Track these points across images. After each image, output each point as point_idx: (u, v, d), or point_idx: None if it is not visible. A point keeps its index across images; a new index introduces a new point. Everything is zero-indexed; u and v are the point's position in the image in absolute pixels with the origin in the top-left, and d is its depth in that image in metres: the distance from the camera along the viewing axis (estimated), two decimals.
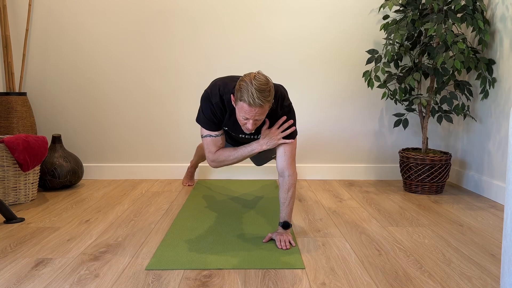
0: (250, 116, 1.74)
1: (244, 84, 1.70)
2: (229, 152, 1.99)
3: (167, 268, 1.64)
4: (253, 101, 1.68)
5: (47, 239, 1.95)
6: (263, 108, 1.72)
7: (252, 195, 2.75)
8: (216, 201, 2.61)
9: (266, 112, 1.76)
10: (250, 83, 1.68)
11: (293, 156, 1.95)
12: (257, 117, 1.75)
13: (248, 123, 1.76)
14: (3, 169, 2.46)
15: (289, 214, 1.94)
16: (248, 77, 1.71)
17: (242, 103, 1.72)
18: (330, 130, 3.23)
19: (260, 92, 1.67)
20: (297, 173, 1.96)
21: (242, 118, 1.77)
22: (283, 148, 1.93)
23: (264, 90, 1.69)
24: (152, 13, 3.10)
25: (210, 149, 1.99)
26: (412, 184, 2.84)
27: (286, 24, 3.13)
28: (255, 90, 1.67)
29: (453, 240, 1.98)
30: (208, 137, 1.97)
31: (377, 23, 3.15)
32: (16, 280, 1.54)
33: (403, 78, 2.86)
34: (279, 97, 1.90)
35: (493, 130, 2.71)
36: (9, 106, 2.90)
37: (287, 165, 1.92)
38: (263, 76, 1.72)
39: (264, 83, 1.70)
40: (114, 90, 3.16)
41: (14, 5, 3.07)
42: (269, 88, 1.71)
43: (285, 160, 1.92)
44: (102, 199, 2.64)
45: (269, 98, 1.72)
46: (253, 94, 1.67)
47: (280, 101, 1.90)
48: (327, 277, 1.58)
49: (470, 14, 2.61)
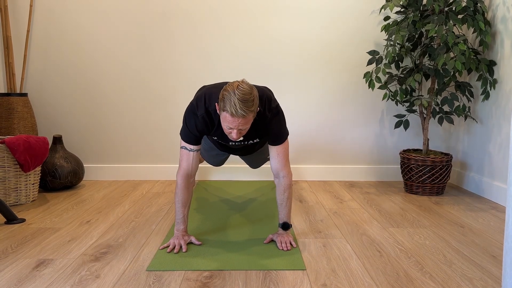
0: (234, 126, 1.70)
1: (227, 94, 1.66)
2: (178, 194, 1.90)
3: (168, 269, 1.64)
4: (235, 112, 1.64)
5: (48, 240, 1.95)
6: (246, 118, 1.68)
7: (252, 196, 2.75)
8: (217, 202, 2.61)
9: (249, 121, 1.72)
10: (233, 93, 1.64)
11: (286, 157, 1.93)
12: (241, 127, 1.71)
13: (233, 133, 1.73)
14: (4, 170, 2.46)
15: (288, 215, 1.94)
16: (231, 87, 1.67)
17: (225, 113, 1.68)
18: (331, 131, 3.23)
19: (243, 102, 1.63)
20: (292, 173, 1.95)
21: (226, 128, 1.73)
22: (276, 149, 1.91)
23: (247, 100, 1.65)
24: (152, 14, 3.10)
25: (182, 163, 1.90)
26: (413, 185, 2.83)
27: (287, 25, 3.13)
28: (237, 101, 1.63)
29: (454, 241, 1.97)
30: (183, 149, 1.91)
31: (378, 24, 3.15)
32: (17, 281, 1.54)
33: (404, 79, 2.86)
34: (266, 100, 1.86)
35: (494, 131, 2.71)
36: (10, 107, 2.91)
37: (281, 166, 1.91)
38: (247, 86, 1.68)
39: (248, 93, 1.66)
40: (115, 91, 3.17)
41: (15, 6, 3.08)
42: (252, 97, 1.67)
43: (278, 162, 1.91)
44: (103, 200, 2.64)
45: (252, 108, 1.68)
46: (236, 105, 1.63)
47: (267, 104, 1.86)
48: (328, 278, 1.58)
49: (471, 15, 2.61)
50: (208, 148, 2.34)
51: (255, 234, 2.04)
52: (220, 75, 3.14)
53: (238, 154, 2.24)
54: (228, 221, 2.24)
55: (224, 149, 2.19)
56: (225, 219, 2.28)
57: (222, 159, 2.51)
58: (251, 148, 2.16)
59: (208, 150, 2.37)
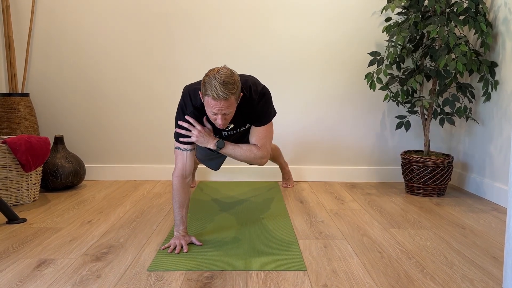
0: (217, 111, 1.71)
1: (207, 79, 1.68)
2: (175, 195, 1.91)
3: (169, 269, 1.64)
4: (216, 95, 1.66)
5: (49, 240, 1.96)
6: (229, 101, 1.70)
7: (253, 196, 2.75)
8: (217, 202, 2.61)
9: (232, 104, 1.73)
10: (213, 77, 1.67)
11: (267, 138, 1.94)
12: (225, 111, 1.72)
13: (218, 118, 1.74)
14: (5, 170, 2.47)
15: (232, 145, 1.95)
16: (212, 72, 1.70)
17: (207, 98, 1.70)
18: (332, 131, 3.23)
19: (224, 85, 1.66)
20: (269, 154, 1.96)
21: (211, 114, 1.75)
22: (256, 130, 1.94)
23: (228, 82, 1.67)
24: (153, 14, 3.11)
25: (177, 163, 1.91)
26: (414, 187, 2.83)
27: (289, 26, 3.13)
28: (218, 84, 1.65)
29: (455, 242, 1.97)
30: (176, 150, 1.92)
31: (380, 25, 3.15)
32: (19, 281, 1.55)
33: (405, 80, 2.86)
34: (251, 85, 1.88)
35: (495, 132, 2.70)
36: (11, 106, 2.91)
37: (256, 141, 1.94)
38: (228, 69, 1.71)
39: (228, 76, 1.68)
40: (117, 92, 3.17)
41: (17, 7, 3.09)
42: (233, 80, 1.69)
43: (257, 138, 1.94)
44: (104, 200, 2.65)
45: (234, 90, 1.69)
46: (217, 88, 1.65)
47: (253, 88, 1.88)
48: (328, 279, 1.58)
49: (472, 16, 2.61)
50: (204, 154, 2.35)
51: (256, 235, 2.04)
52: None
53: None
54: (228, 222, 2.24)
55: None
56: (225, 219, 2.28)
57: (219, 162, 2.51)
58: (243, 135, 2.16)
59: (204, 156, 2.37)
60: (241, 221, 2.25)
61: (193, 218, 2.29)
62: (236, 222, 2.23)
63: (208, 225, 2.19)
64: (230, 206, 2.53)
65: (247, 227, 2.16)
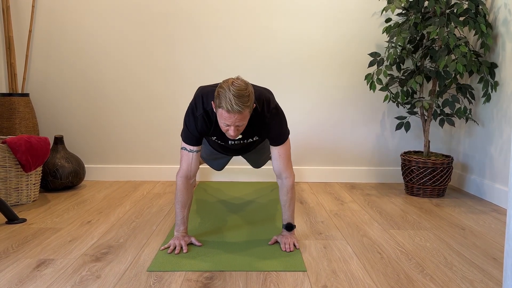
0: (231, 123, 1.70)
1: (222, 91, 1.66)
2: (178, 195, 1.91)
3: (169, 270, 1.64)
4: (231, 107, 1.64)
5: (49, 240, 1.95)
6: (242, 114, 1.68)
7: (253, 197, 2.75)
8: (217, 203, 2.61)
9: (246, 117, 1.72)
10: (228, 89, 1.64)
11: (288, 157, 1.93)
12: (238, 123, 1.71)
13: (230, 130, 1.73)
14: (5, 170, 2.47)
15: (291, 216, 1.94)
16: (226, 83, 1.67)
17: (221, 110, 1.68)
18: (332, 132, 3.23)
19: (238, 97, 1.64)
20: (294, 174, 1.95)
21: (223, 125, 1.73)
22: (277, 150, 1.91)
23: (243, 95, 1.65)
24: (153, 15, 3.11)
25: (182, 164, 1.91)
26: (414, 187, 2.83)
27: (288, 27, 3.13)
28: (233, 96, 1.63)
29: (455, 243, 1.97)
30: (183, 150, 1.91)
31: (380, 26, 3.15)
32: (18, 281, 1.55)
33: (405, 81, 2.86)
34: (264, 101, 1.86)
35: (495, 133, 2.70)
36: (11, 107, 2.91)
37: (283, 167, 1.91)
38: (242, 81, 1.68)
39: (243, 88, 1.66)
40: (116, 92, 3.17)
41: (17, 6, 3.09)
42: (247, 93, 1.67)
43: (281, 163, 1.91)
44: (104, 200, 2.65)
45: (248, 103, 1.67)
46: (231, 100, 1.63)
47: (266, 104, 1.86)
48: (328, 280, 1.58)
49: (472, 17, 2.61)
50: (209, 153, 2.35)
51: (256, 235, 2.04)
52: (220, 76, 3.14)
53: (238, 154, 2.24)
54: (228, 222, 2.24)
55: (223, 150, 2.18)
56: (225, 220, 2.28)
57: (223, 162, 2.51)
58: (250, 146, 2.16)
59: (209, 155, 2.37)
60: (241, 222, 2.25)
61: (193, 219, 2.29)
62: (236, 223, 2.23)
63: (208, 225, 2.19)
64: (230, 207, 2.53)
65: (247, 227, 2.16)
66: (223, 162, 2.50)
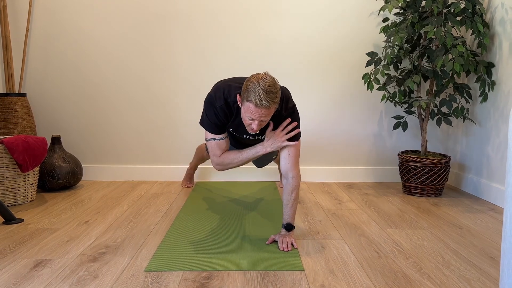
0: (256, 117, 1.73)
1: (251, 85, 1.69)
2: (234, 155, 1.99)
3: (166, 270, 1.64)
4: (260, 102, 1.67)
5: (46, 240, 1.95)
6: (270, 109, 1.72)
7: (251, 197, 2.75)
8: (215, 203, 2.61)
9: (271, 113, 1.76)
10: (257, 84, 1.68)
11: (297, 158, 1.95)
12: (263, 118, 1.75)
13: (253, 124, 1.76)
14: (2, 170, 2.46)
15: (292, 216, 1.94)
16: (256, 78, 1.70)
17: (248, 103, 1.71)
18: (330, 132, 3.23)
19: (267, 93, 1.67)
20: (300, 175, 1.97)
21: (247, 119, 1.77)
22: (287, 150, 1.93)
23: (271, 91, 1.68)
24: (152, 15, 3.11)
25: (215, 152, 1.98)
26: (411, 187, 2.84)
27: (286, 27, 3.14)
28: (262, 91, 1.66)
29: (452, 242, 1.98)
30: (212, 141, 1.97)
31: (377, 25, 3.16)
32: (15, 281, 1.54)
33: (402, 81, 2.87)
34: (283, 99, 1.90)
35: (492, 133, 2.71)
36: (8, 107, 2.90)
37: (291, 167, 1.92)
38: (271, 78, 1.72)
39: (272, 85, 1.69)
40: (114, 92, 3.17)
41: (14, 6, 3.08)
42: (276, 89, 1.71)
43: (289, 162, 1.92)
44: (101, 200, 2.64)
45: (275, 99, 1.71)
46: (260, 95, 1.66)
47: (285, 103, 1.90)
48: (326, 279, 1.58)
49: (469, 17, 2.62)
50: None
51: (254, 235, 2.04)
52: (219, 77, 3.14)
53: None
54: (227, 222, 2.24)
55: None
56: (224, 219, 2.28)
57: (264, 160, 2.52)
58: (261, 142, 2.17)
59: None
60: (239, 221, 2.25)
61: (192, 218, 2.28)
62: (235, 222, 2.23)
63: (206, 224, 2.19)
64: (228, 206, 2.53)
65: (245, 227, 2.16)
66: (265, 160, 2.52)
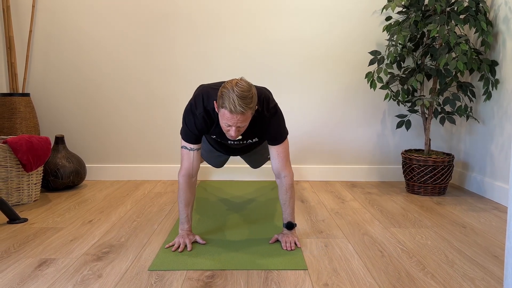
0: (232, 123, 1.70)
1: (225, 91, 1.67)
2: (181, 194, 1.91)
3: (170, 269, 1.65)
4: (234, 108, 1.65)
5: (50, 240, 1.96)
6: (245, 115, 1.69)
7: (254, 196, 2.75)
8: (218, 202, 2.61)
9: (248, 118, 1.73)
10: (231, 90, 1.65)
11: (287, 156, 1.94)
12: (239, 124, 1.71)
13: (231, 130, 1.73)
14: (6, 170, 2.47)
15: (292, 214, 1.94)
16: (230, 84, 1.68)
17: (224, 110, 1.68)
18: (333, 131, 3.23)
19: (242, 99, 1.64)
20: (293, 172, 1.96)
21: (225, 125, 1.74)
22: (276, 150, 1.91)
23: (246, 97, 1.65)
24: (153, 15, 3.11)
25: (183, 163, 1.91)
26: (415, 186, 2.83)
27: (288, 26, 3.13)
28: (236, 97, 1.63)
29: (456, 241, 1.97)
30: (183, 149, 1.91)
31: (380, 24, 3.15)
32: (20, 280, 1.55)
33: (405, 79, 2.86)
34: (264, 100, 1.86)
35: (496, 131, 2.70)
36: (12, 106, 2.91)
37: (282, 166, 1.92)
38: (245, 83, 1.69)
39: (246, 90, 1.66)
40: (117, 92, 3.17)
41: (17, 6, 3.09)
42: (251, 95, 1.68)
43: (279, 162, 1.91)
44: (105, 200, 2.65)
45: (251, 105, 1.68)
46: (235, 101, 1.64)
47: (265, 103, 1.87)
48: (329, 278, 1.58)
49: (473, 15, 2.61)
50: (208, 150, 2.35)
51: (256, 234, 2.04)
52: (220, 76, 3.14)
53: (237, 154, 2.24)
54: (229, 221, 2.24)
55: (223, 149, 2.19)
56: (226, 219, 2.28)
57: (222, 160, 2.51)
58: (249, 147, 2.16)
59: (208, 152, 2.37)
60: (242, 221, 2.25)
61: (194, 218, 2.29)
62: (237, 222, 2.23)
63: (208, 224, 2.19)
64: (231, 206, 2.53)
65: (248, 226, 2.16)
66: (222, 160, 2.50)
